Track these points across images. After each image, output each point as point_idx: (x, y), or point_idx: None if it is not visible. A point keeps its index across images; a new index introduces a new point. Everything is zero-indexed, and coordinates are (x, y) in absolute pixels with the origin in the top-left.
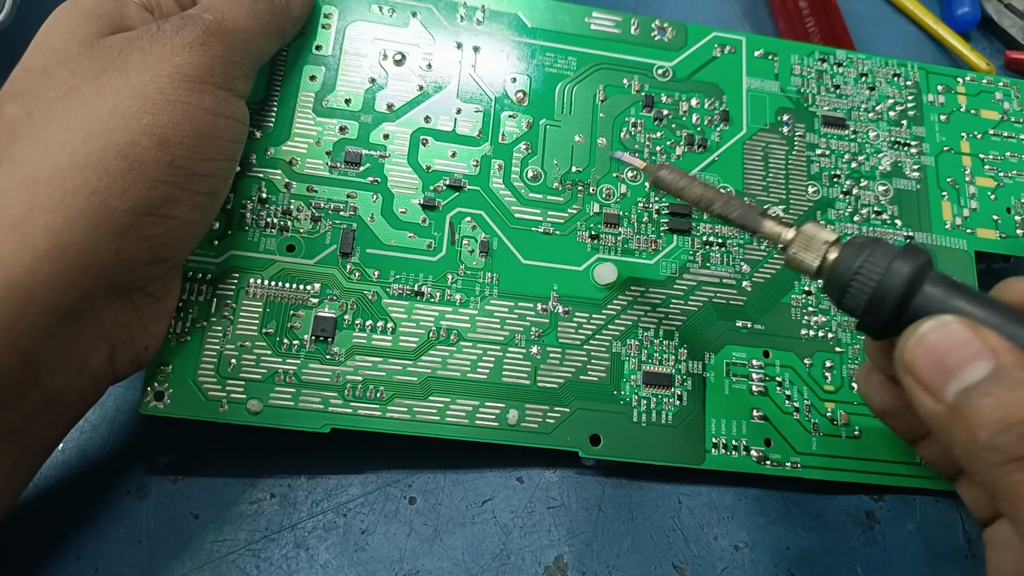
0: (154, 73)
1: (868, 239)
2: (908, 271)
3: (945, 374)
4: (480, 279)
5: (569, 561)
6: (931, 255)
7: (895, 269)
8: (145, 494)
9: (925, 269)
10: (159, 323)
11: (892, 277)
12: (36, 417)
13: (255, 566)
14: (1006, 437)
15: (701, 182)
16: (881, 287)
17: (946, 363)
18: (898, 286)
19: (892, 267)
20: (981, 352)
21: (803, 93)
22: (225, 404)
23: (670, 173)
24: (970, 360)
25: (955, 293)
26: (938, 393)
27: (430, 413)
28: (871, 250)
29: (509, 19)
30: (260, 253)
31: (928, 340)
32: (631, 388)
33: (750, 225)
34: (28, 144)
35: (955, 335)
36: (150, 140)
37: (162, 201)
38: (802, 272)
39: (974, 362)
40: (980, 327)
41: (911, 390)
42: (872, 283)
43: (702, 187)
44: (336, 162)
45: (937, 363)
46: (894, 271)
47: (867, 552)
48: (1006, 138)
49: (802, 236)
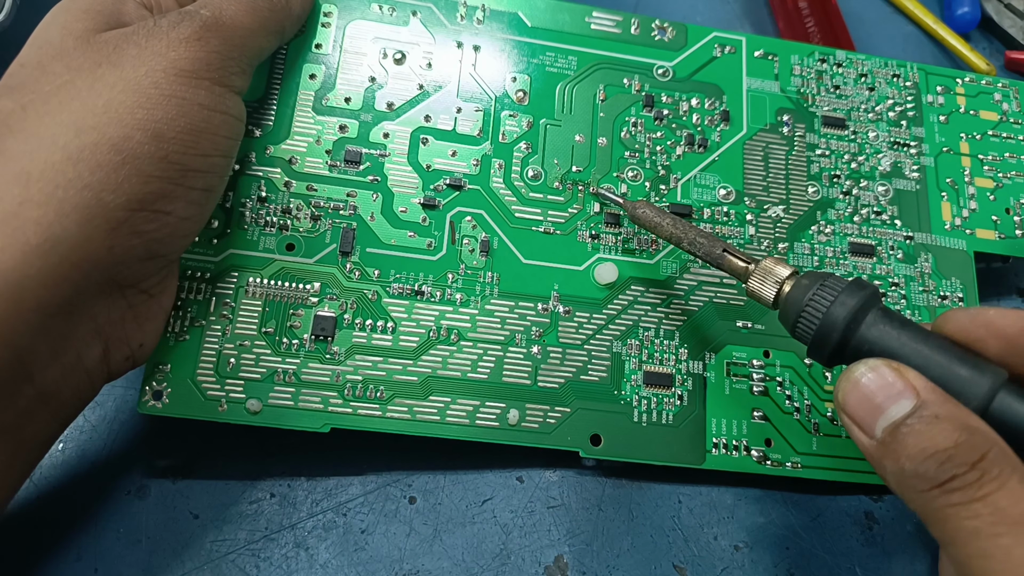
0: (149, 68)
1: (820, 274)
2: (850, 306)
3: (874, 412)
4: (480, 278)
5: (569, 561)
6: (877, 289)
7: (839, 303)
8: (145, 494)
9: (869, 304)
10: (155, 320)
11: (836, 312)
12: (30, 414)
13: (255, 566)
14: (927, 465)
15: (672, 219)
16: (826, 321)
17: (874, 402)
18: (840, 321)
19: (836, 302)
20: (904, 391)
21: (803, 93)
22: (224, 404)
23: (646, 210)
24: (895, 399)
25: (892, 328)
26: (869, 430)
27: (430, 413)
28: (819, 285)
29: (509, 18)
30: (259, 252)
31: (859, 383)
32: (632, 388)
33: (714, 261)
34: (21, 138)
35: (882, 377)
36: (144, 135)
37: (156, 196)
38: (761, 303)
39: (898, 400)
40: (905, 369)
41: (847, 428)
42: (818, 317)
43: (672, 225)
44: (336, 161)
45: (866, 402)
46: (838, 306)
47: (866, 552)
48: (1005, 139)
49: (760, 270)
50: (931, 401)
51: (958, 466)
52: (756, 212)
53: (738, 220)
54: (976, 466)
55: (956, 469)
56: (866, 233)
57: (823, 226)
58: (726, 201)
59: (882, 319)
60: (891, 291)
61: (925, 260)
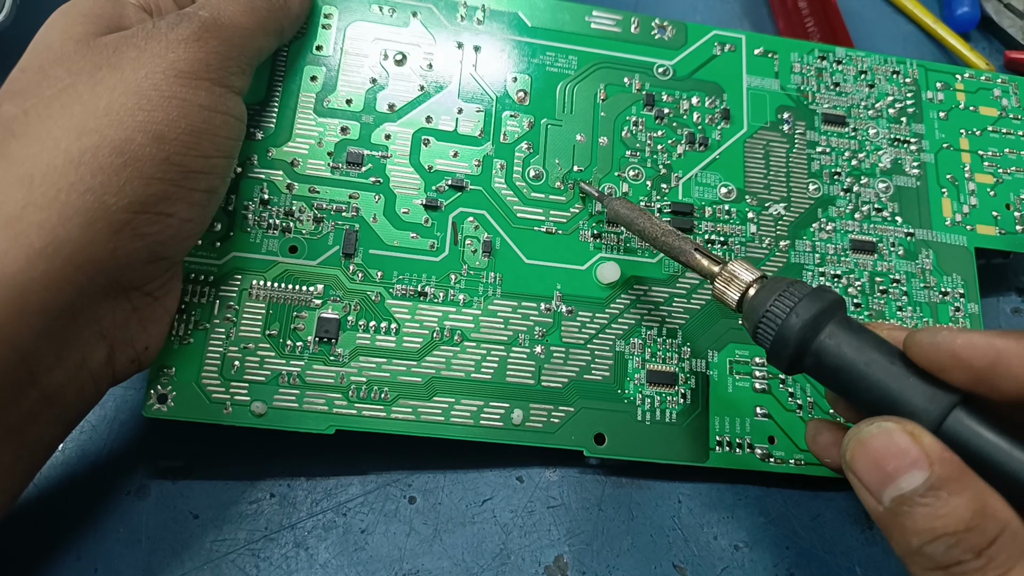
0: (149, 70)
1: (783, 281)
2: (808, 315)
3: (884, 479)
4: (483, 279)
5: (569, 561)
6: (840, 298)
7: (798, 311)
8: (145, 494)
9: (829, 313)
10: (159, 323)
11: (795, 318)
12: (34, 417)
13: (255, 566)
14: (935, 547)
15: (648, 215)
16: (784, 327)
17: (884, 469)
18: (797, 329)
19: (796, 309)
20: (917, 461)
21: (803, 91)
22: (229, 406)
23: (622, 206)
24: (907, 469)
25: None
26: (877, 495)
27: (435, 414)
28: (782, 291)
29: (509, 18)
30: (262, 254)
31: (869, 445)
32: (635, 387)
33: (682, 258)
34: (24, 142)
35: (894, 442)
36: (145, 137)
37: (158, 198)
38: (725, 305)
39: (910, 471)
40: (920, 433)
41: (853, 485)
42: (777, 323)
43: (647, 221)
44: (338, 163)
45: (876, 468)
46: (797, 312)
47: (866, 552)
48: (1005, 135)
49: (727, 272)
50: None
51: (964, 552)
52: (757, 210)
53: (739, 218)
54: (983, 553)
55: (963, 555)
56: (867, 230)
57: (824, 223)
58: (727, 199)
59: (842, 329)
60: (892, 288)
61: (926, 256)
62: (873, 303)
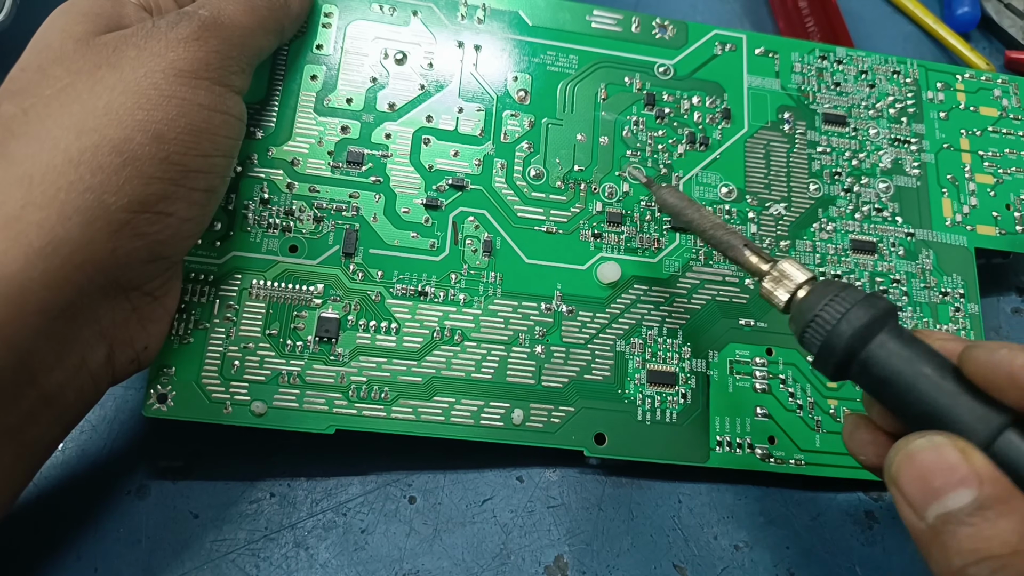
0: (148, 69)
1: (836, 284)
2: (860, 322)
3: (929, 495)
4: (483, 279)
5: (569, 560)
6: (893, 307)
7: (850, 318)
8: (145, 494)
9: (882, 321)
10: (159, 323)
11: (845, 325)
12: (33, 417)
13: (255, 566)
14: (978, 569)
15: (697, 206)
16: (834, 333)
17: (931, 485)
18: (848, 335)
19: (847, 315)
20: (966, 479)
21: (804, 91)
22: (229, 406)
23: (670, 195)
24: (954, 486)
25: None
26: (920, 512)
27: (435, 413)
28: (833, 295)
29: (510, 17)
30: (262, 254)
31: (916, 458)
32: (635, 387)
33: (731, 253)
34: (23, 141)
35: (943, 458)
36: (144, 136)
37: (157, 198)
38: (773, 305)
39: (958, 488)
40: (971, 451)
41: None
42: (826, 328)
43: (696, 212)
44: (338, 162)
45: (922, 483)
46: (848, 320)
47: (866, 552)
48: (1005, 135)
49: (777, 271)
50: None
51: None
52: (758, 210)
53: (740, 218)
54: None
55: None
56: (867, 230)
57: (824, 223)
58: (728, 199)
59: (893, 339)
60: (893, 288)
61: (926, 257)
62: None
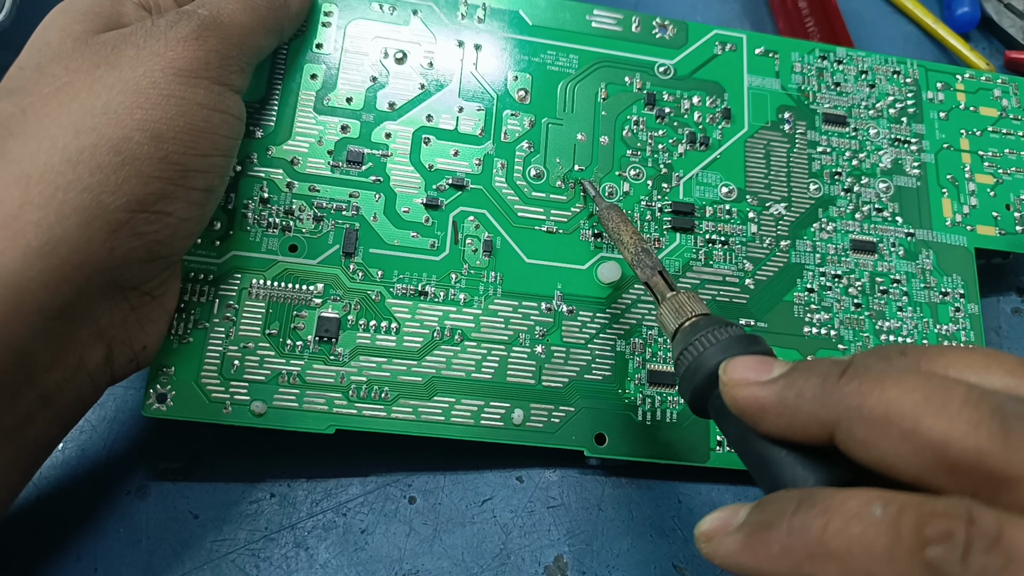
0: (147, 68)
1: (717, 321)
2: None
3: None
4: (484, 278)
5: (569, 561)
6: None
7: (705, 357)
8: (145, 494)
9: None
10: (158, 323)
11: (701, 364)
12: (31, 417)
13: (255, 566)
14: None
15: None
16: (689, 371)
17: None
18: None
19: (703, 355)
20: None
21: (804, 91)
22: (228, 406)
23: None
24: None
25: None
26: None
27: (435, 413)
28: (703, 334)
29: (510, 17)
30: (262, 253)
31: None
32: (636, 387)
33: (642, 277)
34: (21, 140)
35: None
36: (143, 135)
37: (156, 197)
38: (663, 329)
39: None
40: None
41: None
42: (684, 364)
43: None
44: (338, 161)
45: None
46: (704, 359)
47: None
48: (1005, 135)
49: (675, 300)
50: None
51: None
52: (758, 210)
53: (740, 218)
54: None
55: None
56: (867, 230)
57: (825, 223)
58: (728, 199)
59: None
60: (893, 288)
61: (926, 257)
62: (873, 303)
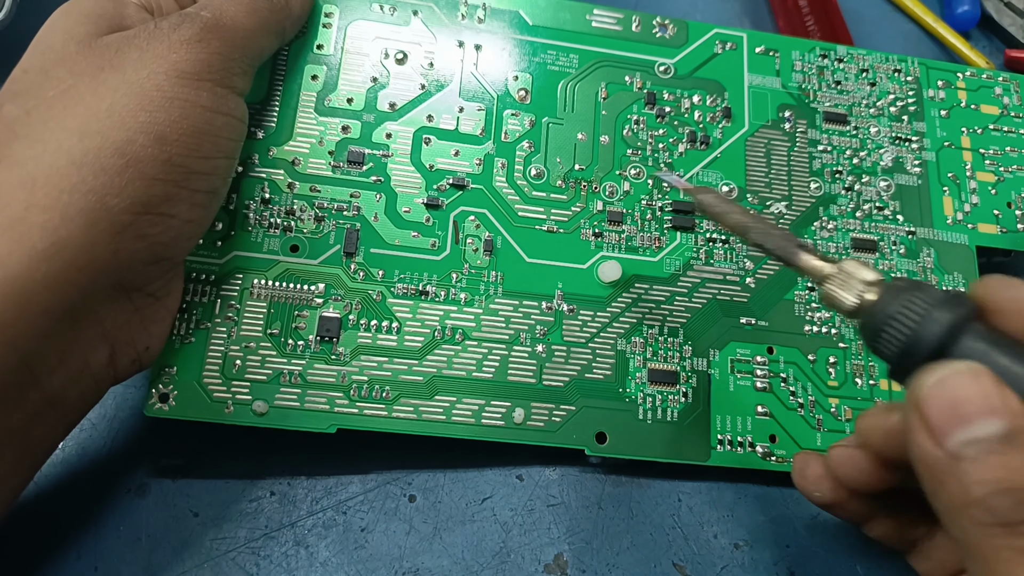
0: (151, 70)
1: (911, 282)
2: (946, 322)
3: (956, 421)
4: (484, 278)
5: (569, 559)
6: (975, 306)
7: (933, 319)
8: (145, 492)
9: (966, 320)
10: (161, 323)
11: (928, 327)
12: (36, 418)
13: (255, 564)
14: (1001, 500)
15: (741, 208)
16: (915, 336)
17: (960, 411)
18: (933, 337)
19: (930, 316)
20: (999, 410)
21: (804, 89)
22: (230, 406)
23: (713, 198)
24: (985, 414)
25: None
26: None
27: (436, 413)
28: (911, 296)
29: (510, 17)
30: (264, 254)
31: (949, 383)
32: (636, 385)
33: (786, 257)
34: (26, 143)
35: (979, 386)
36: (147, 138)
37: (160, 199)
38: (838, 310)
39: (989, 417)
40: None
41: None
42: (907, 331)
43: (741, 214)
44: (339, 162)
45: (951, 408)
46: (931, 320)
47: (867, 551)
48: (1006, 133)
49: (841, 273)
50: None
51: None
52: (759, 208)
53: None
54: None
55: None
56: (868, 229)
57: (825, 222)
58: (729, 198)
59: (983, 338)
60: None
61: (927, 255)
62: None
